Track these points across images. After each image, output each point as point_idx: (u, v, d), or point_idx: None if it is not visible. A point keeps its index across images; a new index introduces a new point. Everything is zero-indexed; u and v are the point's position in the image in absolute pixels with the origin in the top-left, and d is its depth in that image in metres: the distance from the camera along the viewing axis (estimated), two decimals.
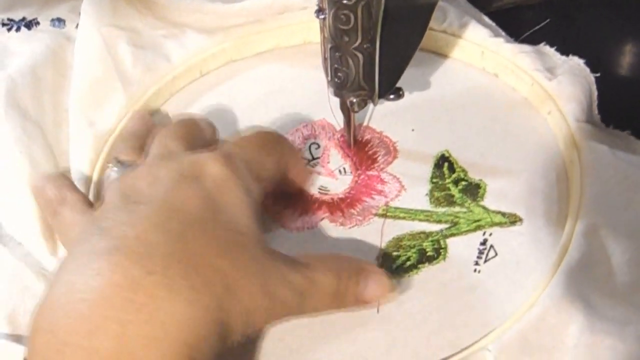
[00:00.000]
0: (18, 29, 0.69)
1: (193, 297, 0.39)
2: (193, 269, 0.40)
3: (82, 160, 0.58)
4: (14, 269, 0.53)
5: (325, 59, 0.52)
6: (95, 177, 0.57)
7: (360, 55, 0.50)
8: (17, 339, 0.49)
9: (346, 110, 0.55)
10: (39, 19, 0.70)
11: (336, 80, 0.53)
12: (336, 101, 0.56)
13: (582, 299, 0.46)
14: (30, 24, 0.69)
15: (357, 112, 0.55)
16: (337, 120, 0.60)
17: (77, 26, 0.68)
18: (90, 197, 0.56)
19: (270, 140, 0.52)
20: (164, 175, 0.45)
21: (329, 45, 0.51)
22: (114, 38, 0.64)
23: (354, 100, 0.53)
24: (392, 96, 0.55)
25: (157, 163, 0.47)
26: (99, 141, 0.59)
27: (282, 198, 0.54)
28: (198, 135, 0.53)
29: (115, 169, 0.50)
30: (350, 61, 0.51)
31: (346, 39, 0.49)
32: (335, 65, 0.52)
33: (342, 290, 0.46)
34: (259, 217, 0.46)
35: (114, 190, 0.46)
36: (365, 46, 0.50)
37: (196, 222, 0.42)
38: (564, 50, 0.62)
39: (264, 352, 0.47)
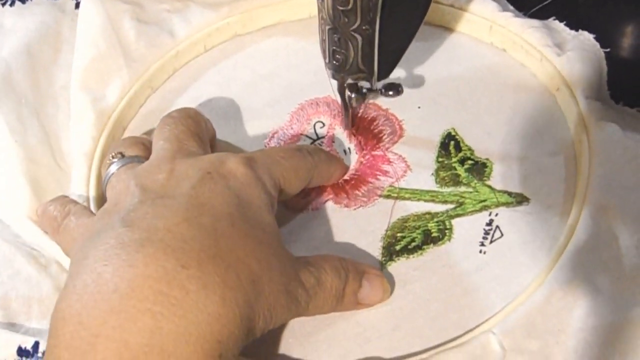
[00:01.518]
0: (12, 3, 0.68)
1: (225, 294, 0.39)
2: (225, 265, 0.40)
3: (84, 137, 0.58)
4: (4, 253, 0.53)
5: (323, 41, 0.51)
6: (97, 155, 0.57)
7: (359, 37, 0.49)
8: (10, 326, 0.49)
9: (343, 93, 0.54)
10: None
11: (334, 62, 0.52)
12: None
13: (588, 281, 0.46)
14: None
15: (355, 107, 0.54)
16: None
17: None
18: (92, 176, 0.56)
19: (302, 167, 0.51)
20: (186, 172, 0.45)
21: (327, 27, 0.50)
22: (118, 12, 0.64)
23: (352, 95, 0.53)
24: (390, 92, 0.54)
25: (176, 159, 0.46)
26: (102, 118, 0.59)
27: None
28: (205, 129, 0.53)
29: (116, 160, 0.49)
30: (349, 43, 0.50)
31: (345, 20, 0.48)
32: (334, 47, 0.51)
33: (345, 292, 0.46)
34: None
35: (126, 183, 0.45)
36: (364, 28, 0.49)
37: (225, 218, 0.42)
38: (573, 25, 0.61)
39: (268, 333, 0.47)
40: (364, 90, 0.54)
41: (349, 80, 0.53)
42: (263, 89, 0.62)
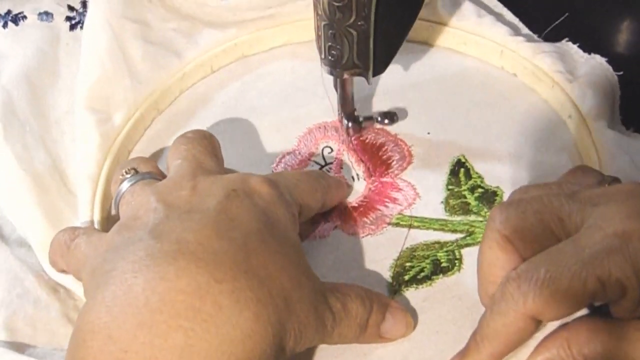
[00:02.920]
0: (5, 25, 0.67)
1: (258, 310, 0.38)
2: (258, 281, 0.39)
3: (89, 160, 0.57)
4: (15, 272, 0.52)
5: (318, 37, 0.52)
6: (102, 178, 0.56)
7: (354, 33, 0.50)
8: (17, 347, 0.49)
9: (339, 87, 0.55)
10: (25, 12, 0.68)
11: (330, 58, 0.52)
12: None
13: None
14: (16, 19, 0.68)
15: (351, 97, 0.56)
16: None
17: (65, 19, 0.67)
18: (97, 201, 0.55)
19: (317, 189, 0.51)
20: (210, 189, 0.44)
21: (323, 23, 0.50)
22: (125, 32, 0.63)
23: (350, 125, 0.56)
24: (386, 120, 0.55)
25: (197, 177, 0.46)
26: (107, 141, 0.58)
27: None
28: (219, 150, 0.52)
29: (129, 176, 0.49)
30: (344, 39, 0.50)
31: (340, 15, 0.49)
32: (329, 43, 0.51)
33: (369, 322, 0.45)
34: None
35: (145, 198, 0.44)
36: (359, 23, 0.49)
37: (254, 233, 0.42)
38: (587, 45, 0.61)
39: None
40: (361, 119, 0.55)
41: (345, 76, 0.53)
42: (270, 112, 0.61)
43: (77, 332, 0.38)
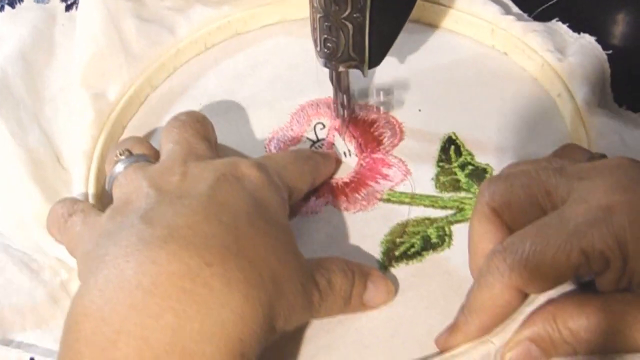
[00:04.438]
0: (2, 8, 0.67)
1: (248, 292, 0.39)
2: (248, 263, 0.40)
3: (84, 136, 0.57)
4: None
5: (314, 29, 0.52)
6: (97, 154, 0.57)
7: (350, 25, 0.50)
8: (5, 340, 0.49)
9: (335, 81, 0.55)
10: None
11: (325, 50, 0.52)
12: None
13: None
14: (13, 1, 0.68)
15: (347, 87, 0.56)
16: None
17: (61, 0, 0.68)
18: (91, 176, 0.55)
19: (305, 171, 0.52)
20: (201, 174, 0.45)
21: (318, 15, 0.50)
22: (119, 9, 0.63)
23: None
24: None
25: (188, 162, 0.46)
26: (101, 117, 0.59)
27: None
28: (212, 133, 0.53)
29: (123, 157, 0.49)
30: (340, 31, 0.50)
31: (336, 8, 0.49)
32: (325, 36, 0.51)
33: (352, 293, 0.46)
34: None
35: (138, 183, 0.45)
36: (355, 16, 0.49)
37: (244, 216, 0.42)
38: (577, 25, 0.61)
39: None
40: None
41: (341, 68, 0.53)
42: (263, 89, 0.62)
43: (70, 316, 0.39)
